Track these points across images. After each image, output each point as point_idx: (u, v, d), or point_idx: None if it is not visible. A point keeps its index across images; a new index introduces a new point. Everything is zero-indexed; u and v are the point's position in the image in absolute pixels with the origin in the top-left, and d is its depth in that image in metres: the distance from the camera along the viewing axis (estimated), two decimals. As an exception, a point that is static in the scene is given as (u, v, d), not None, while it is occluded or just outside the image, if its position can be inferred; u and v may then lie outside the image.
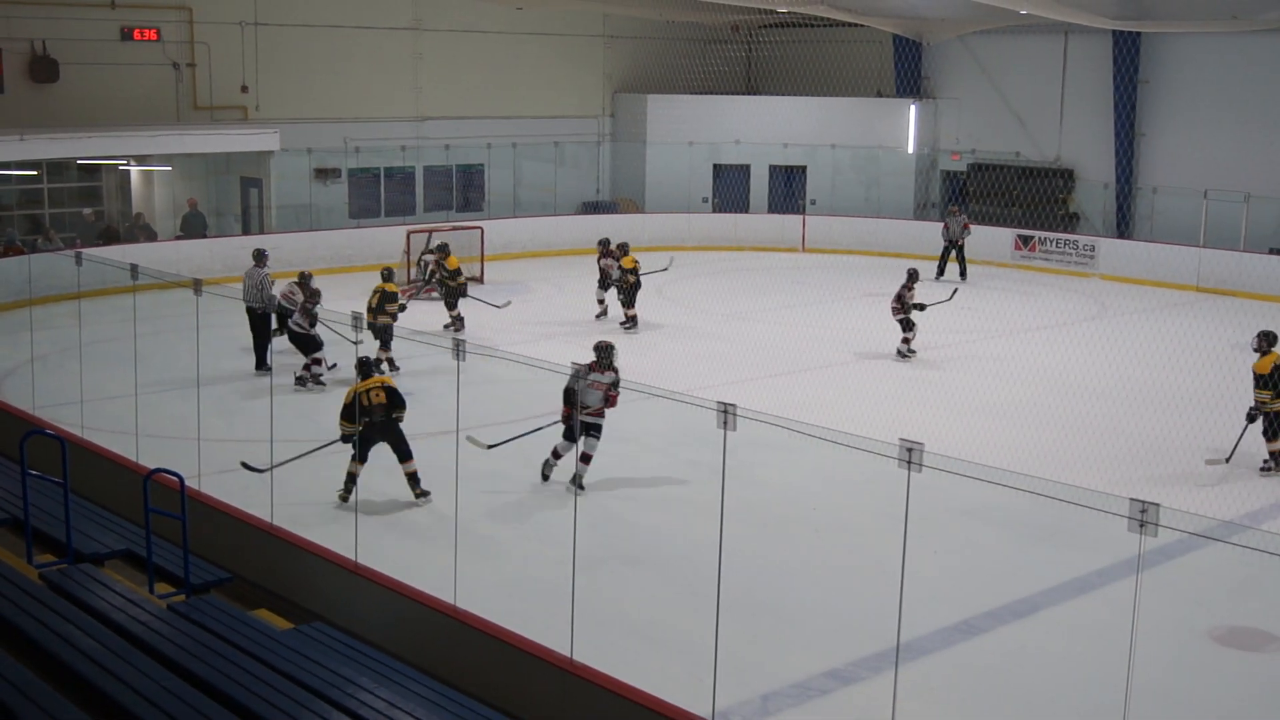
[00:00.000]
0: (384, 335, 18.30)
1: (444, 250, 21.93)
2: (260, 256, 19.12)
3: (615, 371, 13.63)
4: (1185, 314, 23.69)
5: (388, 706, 7.62)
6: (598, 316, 22.81)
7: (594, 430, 13.38)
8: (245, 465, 13.00)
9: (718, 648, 8.25)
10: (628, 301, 22.09)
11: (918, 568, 8.46)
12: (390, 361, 18.45)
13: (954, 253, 27.76)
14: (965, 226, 27.91)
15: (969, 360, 20.06)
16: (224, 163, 28.43)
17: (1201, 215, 27.57)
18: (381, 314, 18.30)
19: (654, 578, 11.52)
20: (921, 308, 19.99)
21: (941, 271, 27.76)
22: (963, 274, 27.41)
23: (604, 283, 22.84)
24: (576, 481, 13.25)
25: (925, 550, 11.65)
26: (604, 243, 23.16)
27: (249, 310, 18.32)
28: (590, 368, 13.45)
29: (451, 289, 21.48)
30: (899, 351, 20.00)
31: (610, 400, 13.34)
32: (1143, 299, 25.82)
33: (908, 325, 20.03)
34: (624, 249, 22.46)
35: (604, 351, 13.74)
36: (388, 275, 19.23)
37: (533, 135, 32.86)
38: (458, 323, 21.49)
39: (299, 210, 28.85)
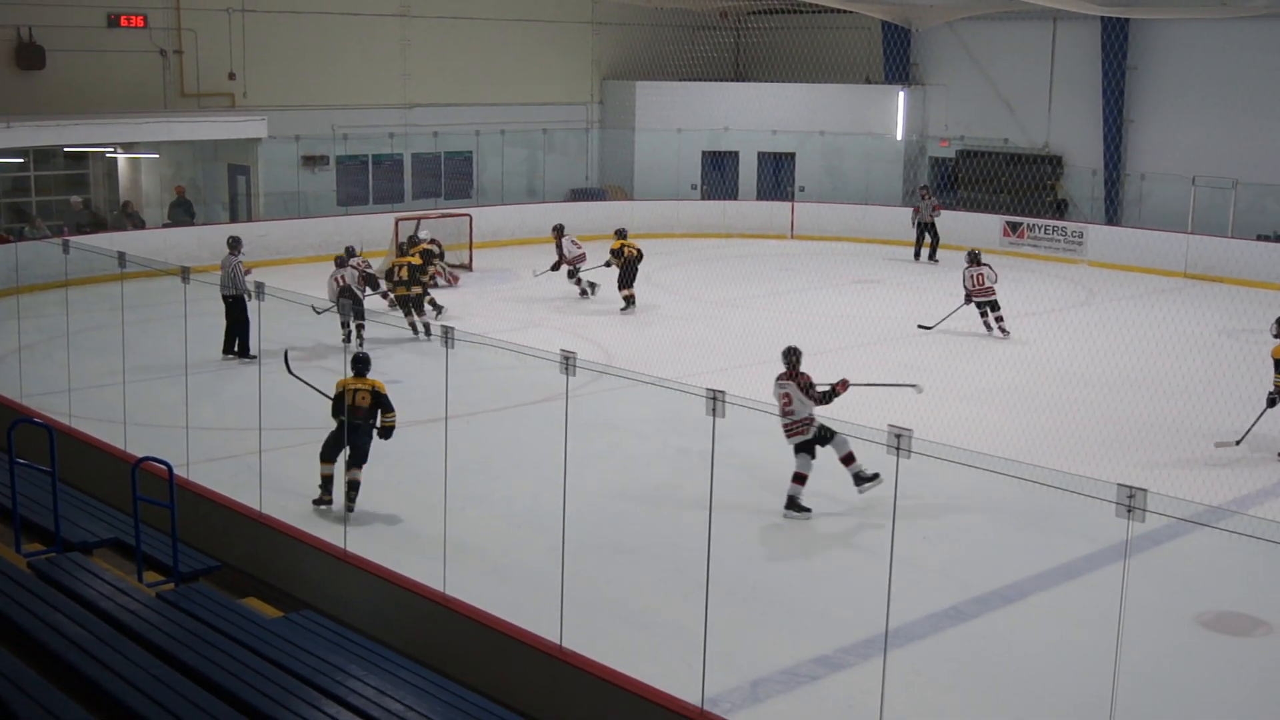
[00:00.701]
0: (418, 304, 19.94)
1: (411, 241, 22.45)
2: (235, 244, 19.05)
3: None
4: (1173, 300, 23.74)
5: (377, 694, 7.63)
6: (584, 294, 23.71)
7: (807, 446, 12.57)
8: (286, 360, 13.59)
9: (707, 634, 8.25)
10: (625, 282, 22.60)
11: (907, 554, 8.49)
12: (436, 312, 20.33)
13: (927, 235, 28.36)
14: (935, 209, 28.47)
15: (957, 347, 20.08)
16: (211, 150, 28.35)
17: (1189, 202, 27.63)
18: (415, 285, 19.85)
19: (643, 565, 11.53)
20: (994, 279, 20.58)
21: (918, 255, 28.48)
22: (933, 255, 28.21)
23: (572, 271, 23.55)
24: (795, 506, 12.50)
25: (914, 536, 11.69)
26: (558, 229, 23.72)
27: (224, 298, 18.43)
28: (785, 377, 12.65)
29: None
30: (1003, 330, 20.49)
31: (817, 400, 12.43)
32: (1131, 285, 25.86)
33: (994, 305, 20.47)
34: (621, 234, 23.00)
35: (794, 356, 12.70)
36: (404, 250, 20.15)
37: (521, 122, 32.77)
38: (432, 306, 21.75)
39: (287, 198, 28.78)
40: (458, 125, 31.58)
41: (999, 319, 20.48)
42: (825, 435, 12.49)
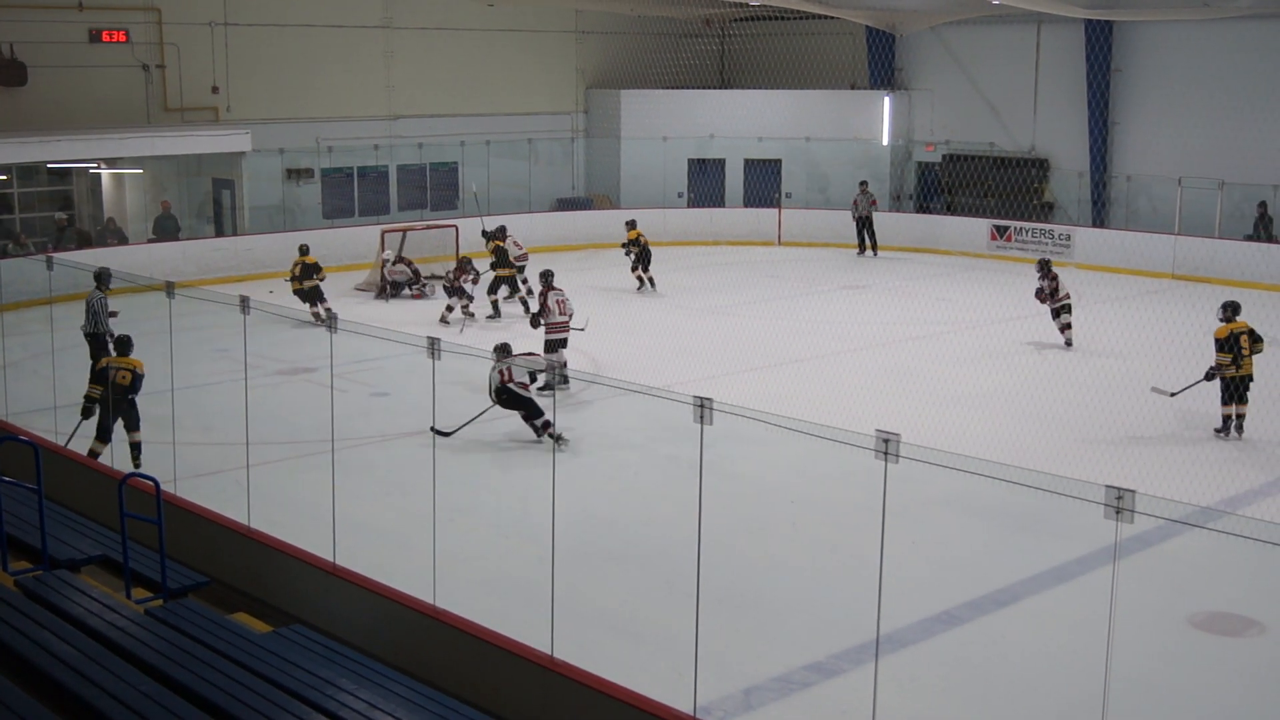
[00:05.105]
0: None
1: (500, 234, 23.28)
2: (102, 278, 17.19)
3: None
4: (1161, 301, 23.81)
5: (367, 707, 7.61)
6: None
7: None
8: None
9: (698, 642, 8.25)
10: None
11: (897, 559, 8.49)
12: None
13: (866, 229, 29.85)
14: (872, 203, 30.01)
15: (946, 350, 20.11)
16: (196, 164, 28.27)
17: (1176, 203, 27.72)
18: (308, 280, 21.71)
19: (634, 574, 11.52)
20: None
21: (861, 248, 29.85)
22: (873, 248, 29.65)
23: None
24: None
25: (904, 541, 11.70)
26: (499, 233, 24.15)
27: (86, 336, 17.11)
28: None
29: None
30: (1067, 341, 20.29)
31: None
32: (1119, 287, 25.94)
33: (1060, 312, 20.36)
34: (502, 232, 23.91)
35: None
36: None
37: (506, 132, 32.80)
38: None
39: (272, 211, 28.76)
40: (442, 136, 31.61)
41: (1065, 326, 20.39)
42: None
